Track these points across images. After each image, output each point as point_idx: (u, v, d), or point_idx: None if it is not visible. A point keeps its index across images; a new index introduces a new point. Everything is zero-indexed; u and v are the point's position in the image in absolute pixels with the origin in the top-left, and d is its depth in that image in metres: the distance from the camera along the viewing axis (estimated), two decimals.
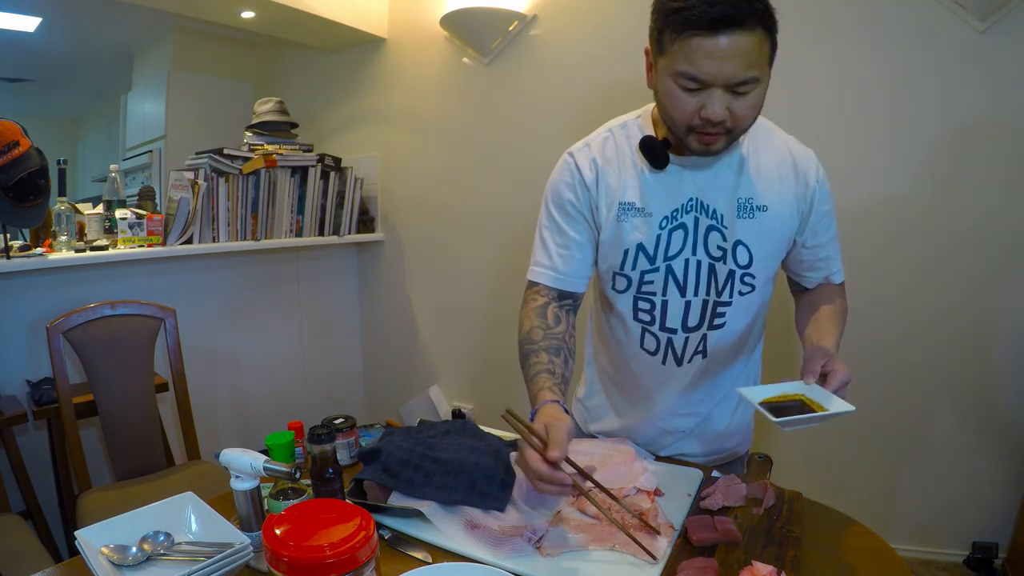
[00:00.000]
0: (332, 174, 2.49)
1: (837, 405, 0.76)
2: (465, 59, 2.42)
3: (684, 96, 0.82)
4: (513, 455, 0.96)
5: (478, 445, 0.99)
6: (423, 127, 2.60)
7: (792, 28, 1.78)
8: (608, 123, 1.03)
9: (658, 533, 0.81)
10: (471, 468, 0.92)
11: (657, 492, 0.91)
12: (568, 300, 1.02)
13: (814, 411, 0.76)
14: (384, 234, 2.80)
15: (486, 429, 1.12)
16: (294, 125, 2.46)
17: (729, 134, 0.85)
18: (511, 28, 2.26)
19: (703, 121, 0.82)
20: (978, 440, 1.78)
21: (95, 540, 0.78)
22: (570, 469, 0.81)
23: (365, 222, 2.74)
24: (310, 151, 2.43)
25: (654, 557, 0.76)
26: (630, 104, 1.07)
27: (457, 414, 2.63)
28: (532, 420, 0.82)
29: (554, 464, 0.74)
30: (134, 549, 0.78)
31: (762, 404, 0.80)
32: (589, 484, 0.85)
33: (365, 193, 2.72)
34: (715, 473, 1.00)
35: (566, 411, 0.82)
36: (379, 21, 2.61)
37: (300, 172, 2.38)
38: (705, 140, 0.85)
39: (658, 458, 1.07)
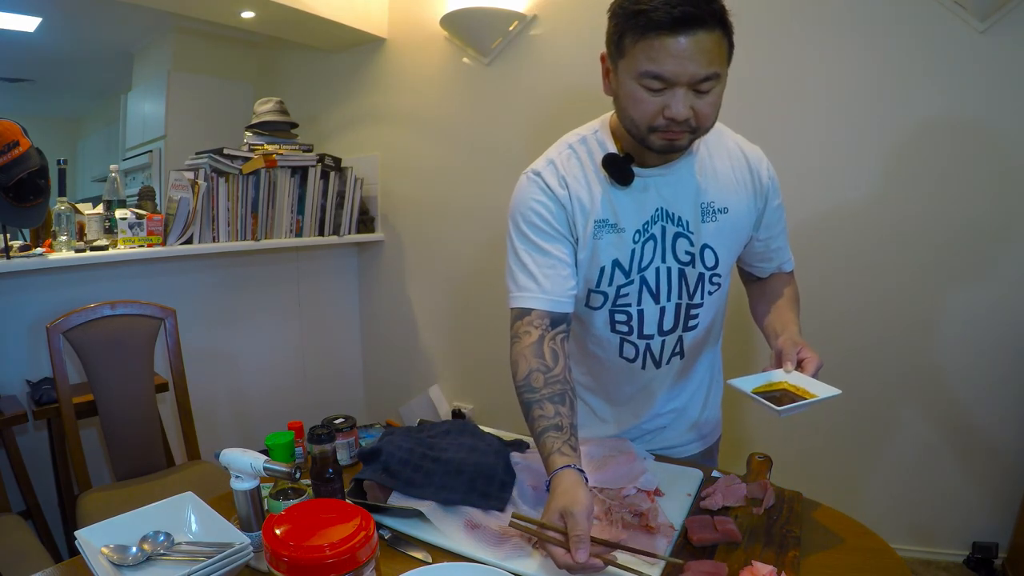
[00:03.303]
0: (332, 174, 2.49)
1: (825, 390, 0.82)
2: (465, 59, 2.42)
3: (647, 97, 0.82)
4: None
5: (478, 445, 1.00)
6: (423, 127, 2.60)
7: (793, 28, 1.80)
8: (565, 139, 1.00)
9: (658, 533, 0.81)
10: (471, 468, 0.92)
11: (657, 492, 0.92)
12: (561, 327, 0.94)
13: (799, 396, 0.83)
14: (384, 234, 2.80)
15: (486, 429, 1.13)
16: (294, 125, 2.46)
17: (693, 132, 0.85)
18: (511, 28, 2.26)
19: (667, 120, 0.82)
20: (978, 440, 1.77)
21: (95, 540, 0.78)
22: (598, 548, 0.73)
23: (365, 222, 2.73)
24: (310, 151, 2.43)
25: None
26: None
27: (457, 414, 2.63)
28: (547, 487, 0.78)
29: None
30: (134, 549, 0.78)
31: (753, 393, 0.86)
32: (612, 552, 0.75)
33: (365, 193, 2.72)
34: (715, 473, 1.00)
35: (580, 471, 0.78)
36: (379, 21, 2.61)
37: (300, 172, 2.38)
38: (668, 137, 0.85)
39: (658, 458, 1.07)
